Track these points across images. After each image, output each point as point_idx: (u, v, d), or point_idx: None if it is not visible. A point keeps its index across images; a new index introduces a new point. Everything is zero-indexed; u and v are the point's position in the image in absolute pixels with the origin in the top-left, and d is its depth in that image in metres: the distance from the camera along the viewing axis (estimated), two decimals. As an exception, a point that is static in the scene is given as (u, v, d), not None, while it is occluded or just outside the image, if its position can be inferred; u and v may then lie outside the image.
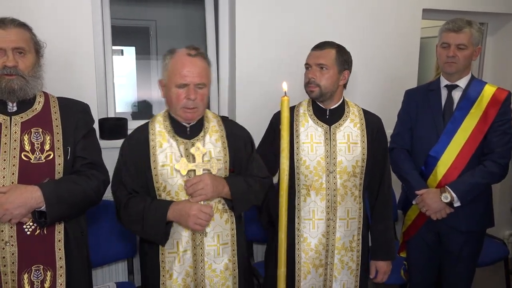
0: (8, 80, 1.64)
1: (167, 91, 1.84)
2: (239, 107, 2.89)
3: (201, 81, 1.79)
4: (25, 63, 1.67)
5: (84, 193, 1.74)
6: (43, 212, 1.65)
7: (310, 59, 2.09)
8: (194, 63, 1.78)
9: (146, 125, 1.92)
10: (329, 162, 2.07)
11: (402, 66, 3.21)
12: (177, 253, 1.85)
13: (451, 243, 2.34)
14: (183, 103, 1.78)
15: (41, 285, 1.70)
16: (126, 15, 3.69)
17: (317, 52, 2.08)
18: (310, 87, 2.07)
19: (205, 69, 1.82)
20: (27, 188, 1.62)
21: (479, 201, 2.27)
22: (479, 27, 2.24)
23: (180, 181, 1.82)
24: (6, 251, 1.65)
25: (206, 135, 1.90)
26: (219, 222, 1.89)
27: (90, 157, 1.83)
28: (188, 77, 1.76)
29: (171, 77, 1.79)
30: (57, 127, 1.77)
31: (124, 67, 4.27)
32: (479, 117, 2.23)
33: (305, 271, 2.11)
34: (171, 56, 1.83)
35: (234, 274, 1.93)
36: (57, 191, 1.66)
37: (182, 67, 1.77)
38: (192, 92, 1.77)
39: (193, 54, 1.80)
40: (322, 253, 2.11)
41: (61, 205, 1.67)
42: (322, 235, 2.09)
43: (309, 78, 2.07)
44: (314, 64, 2.06)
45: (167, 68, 1.82)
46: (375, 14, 3.07)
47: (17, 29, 1.67)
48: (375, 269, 2.22)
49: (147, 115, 4.03)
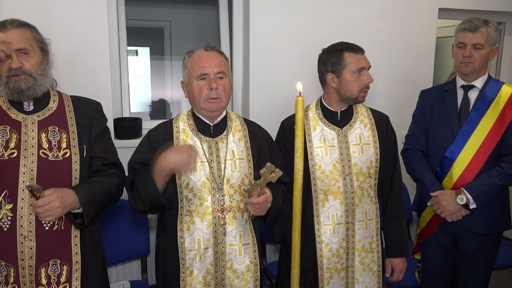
0: (15, 81, 1.66)
1: (189, 88, 1.88)
2: (253, 107, 2.89)
3: (221, 69, 1.83)
4: (30, 63, 1.69)
5: (110, 193, 1.81)
6: (77, 214, 1.72)
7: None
8: (211, 55, 1.84)
9: (170, 122, 1.95)
10: (344, 165, 2.06)
11: (418, 66, 3.19)
12: (198, 250, 1.86)
13: (467, 246, 2.31)
14: (206, 94, 1.82)
15: (57, 279, 1.73)
16: (141, 15, 3.72)
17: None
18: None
19: (222, 60, 1.86)
20: (67, 191, 1.66)
21: (495, 203, 2.24)
22: (496, 26, 2.21)
23: (203, 178, 1.84)
24: (24, 245, 1.68)
25: (229, 134, 1.92)
26: (241, 221, 1.90)
27: (110, 157, 1.88)
28: (207, 67, 1.81)
29: (190, 72, 1.84)
30: (72, 125, 1.80)
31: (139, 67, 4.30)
32: (496, 118, 2.19)
33: (327, 276, 2.10)
34: (189, 56, 1.89)
35: (256, 277, 1.93)
36: (91, 194, 1.72)
37: (200, 60, 1.83)
38: (213, 81, 1.81)
39: (209, 49, 1.86)
40: (343, 256, 2.10)
41: (94, 207, 1.74)
42: (342, 239, 2.08)
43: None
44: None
45: (186, 66, 1.87)
46: (390, 13, 3.05)
47: (18, 29, 1.68)
48: (391, 267, 2.21)
49: (161, 115, 4.06)
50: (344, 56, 2.02)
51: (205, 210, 1.84)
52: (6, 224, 1.66)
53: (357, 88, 2.03)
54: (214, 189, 1.85)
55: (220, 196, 1.85)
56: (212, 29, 3.36)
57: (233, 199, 1.87)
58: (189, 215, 1.86)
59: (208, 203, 1.85)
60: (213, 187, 1.85)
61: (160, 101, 4.26)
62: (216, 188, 1.85)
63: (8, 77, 1.65)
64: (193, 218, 1.85)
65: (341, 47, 2.04)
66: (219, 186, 1.86)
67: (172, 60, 4.18)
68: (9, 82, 1.66)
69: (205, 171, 1.85)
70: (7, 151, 1.68)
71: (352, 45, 2.04)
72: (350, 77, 2.02)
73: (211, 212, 1.85)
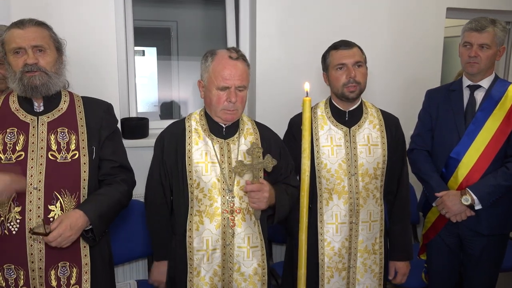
0: (29, 77, 1.67)
1: (207, 92, 1.86)
2: (259, 107, 2.90)
3: (242, 83, 1.82)
4: (45, 60, 1.70)
5: (119, 202, 1.82)
6: (88, 229, 1.73)
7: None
8: (236, 66, 1.81)
9: (182, 121, 1.96)
10: (350, 165, 2.06)
11: (425, 66, 3.18)
12: (206, 251, 1.87)
13: (473, 247, 2.30)
14: (224, 105, 1.82)
15: (67, 281, 1.74)
16: (148, 16, 3.74)
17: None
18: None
19: (245, 72, 1.85)
20: (74, 216, 1.65)
21: (501, 203, 2.22)
22: (503, 26, 2.20)
23: (214, 179, 1.85)
24: (34, 248, 1.69)
25: (241, 137, 1.92)
26: (250, 223, 1.90)
27: (119, 160, 1.88)
28: (229, 80, 1.79)
29: (212, 79, 1.82)
30: (82, 126, 1.80)
31: (146, 67, 4.32)
32: (502, 118, 2.18)
33: (328, 275, 2.10)
34: (212, 58, 1.84)
35: (263, 281, 1.93)
36: (100, 210, 1.72)
37: (223, 69, 1.80)
38: (233, 95, 1.80)
39: (234, 57, 1.82)
40: (345, 256, 2.10)
41: (104, 222, 1.75)
42: (345, 238, 2.09)
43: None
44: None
45: (208, 70, 1.84)
46: (397, 13, 3.05)
47: (35, 28, 1.70)
48: (394, 270, 2.21)
49: (168, 115, 4.08)
50: (329, 55, 2.09)
51: (215, 211, 1.85)
52: (15, 227, 1.67)
53: (339, 83, 2.05)
54: (224, 190, 1.86)
55: (230, 197, 1.85)
56: (218, 29, 3.38)
57: (243, 201, 1.87)
58: (198, 215, 1.86)
59: (218, 204, 1.85)
60: (223, 188, 1.86)
61: (167, 101, 4.28)
62: (226, 190, 1.86)
63: (22, 72, 1.67)
64: (203, 219, 1.86)
65: (328, 49, 2.11)
66: (229, 187, 1.86)
67: (179, 60, 4.19)
68: (24, 78, 1.67)
69: (216, 172, 1.86)
70: (15, 153, 1.69)
71: (338, 42, 2.09)
72: (334, 73, 2.06)
73: (220, 213, 1.85)
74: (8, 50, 1.69)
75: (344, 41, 2.08)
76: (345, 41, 2.08)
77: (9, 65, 1.71)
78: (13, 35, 1.67)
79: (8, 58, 1.70)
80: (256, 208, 1.82)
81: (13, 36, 1.67)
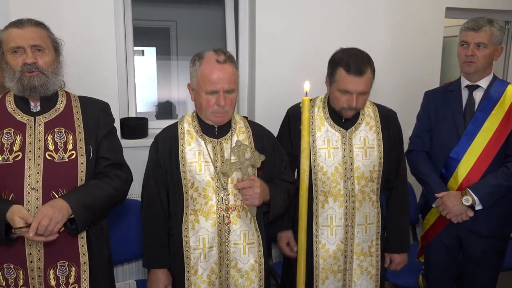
0: (29, 77, 1.68)
1: (196, 96, 1.87)
2: (258, 107, 2.90)
3: (230, 87, 1.82)
4: (44, 60, 1.71)
5: (109, 196, 1.78)
6: (73, 220, 1.68)
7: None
8: (223, 70, 1.80)
9: (175, 124, 1.97)
10: (347, 168, 2.06)
11: (424, 66, 3.17)
12: (203, 249, 1.88)
13: (473, 248, 2.29)
14: (214, 109, 1.83)
15: (66, 280, 1.74)
16: (147, 16, 3.74)
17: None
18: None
19: (233, 74, 1.84)
20: (55, 207, 1.61)
21: (502, 204, 2.22)
22: (501, 26, 2.20)
23: (207, 178, 1.86)
24: (32, 247, 1.69)
25: (234, 135, 1.93)
26: (245, 220, 1.91)
27: (113, 157, 1.86)
28: (217, 84, 1.79)
29: (200, 84, 1.82)
30: (79, 126, 1.80)
31: (145, 67, 4.32)
32: (501, 118, 2.18)
33: (323, 277, 2.11)
34: (199, 62, 1.83)
35: (260, 277, 1.94)
36: (83, 200, 1.69)
37: (211, 74, 1.79)
38: (222, 99, 1.80)
39: (221, 61, 1.81)
40: (341, 259, 2.10)
41: (89, 212, 1.70)
42: (340, 241, 2.09)
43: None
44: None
45: (196, 74, 1.84)
46: (396, 13, 3.04)
47: (34, 27, 1.71)
48: (389, 259, 2.23)
49: (168, 115, 4.08)
50: (337, 71, 1.96)
51: (210, 209, 1.86)
52: None
53: (339, 104, 2.01)
54: (219, 188, 1.87)
55: (225, 195, 1.87)
56: (218, 29, 3.37)
57: (238, 198, 1.88)
58: (194, 214, 1.87)
59: (212, 202, 1.86)
60: (218, 186, 1.87)
61: (166, 101, 4.28)
62: (221, 188, 1.87)
63: (22, 72, 1.67)
64: (198, 217, 1.87)
65: (340, 61, 1.96)
66: (224, 185, 1.87)
67: (178, 60, 4.20)
68: (23, 78, 1.67)
69: (210, 171, 1.87)
70: (12, 154, 1.69)
71: (351, 63, 1.92)
72: (336, 93, 2.00)
73: (215, 211, 1.86)
74: (6, 50, 1.69)
75: (358, 63, 1.92)
76: (359, 64, 1.92)
77: (6, 64, 1.71)
78: (12, 34, 1.67)
79: (6, 57, 1.70)
80: (250, 204, 1.84)
81: (11, 35, 1.67)
